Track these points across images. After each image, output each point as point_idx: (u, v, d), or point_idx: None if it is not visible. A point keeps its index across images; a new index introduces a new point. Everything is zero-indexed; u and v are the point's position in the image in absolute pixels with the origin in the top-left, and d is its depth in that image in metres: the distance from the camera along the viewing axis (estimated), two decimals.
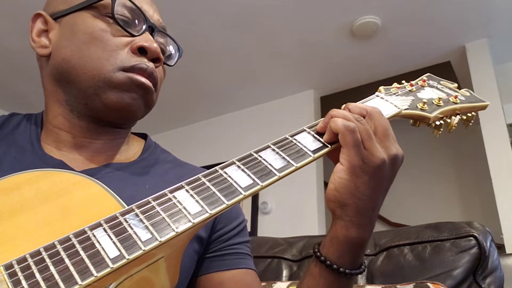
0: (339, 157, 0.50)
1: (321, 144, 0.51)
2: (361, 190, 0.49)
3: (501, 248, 2.16)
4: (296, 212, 2.93)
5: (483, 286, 0.81)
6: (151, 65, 0.60)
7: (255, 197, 3.10)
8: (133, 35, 0.60)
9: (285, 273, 1.03)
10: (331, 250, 0.51)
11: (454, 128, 0.62)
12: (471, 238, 0.84)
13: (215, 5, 2.38)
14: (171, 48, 0.70)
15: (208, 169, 0.48)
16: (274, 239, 1.15)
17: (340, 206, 0.49)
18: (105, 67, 0.57)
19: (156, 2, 0.68)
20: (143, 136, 0.74)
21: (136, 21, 0.61)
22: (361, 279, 0.92)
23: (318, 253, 0.52)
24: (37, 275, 0.36)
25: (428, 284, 0.79)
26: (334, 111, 0.52)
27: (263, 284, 0.93)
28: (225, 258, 0.66)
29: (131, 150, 0.69)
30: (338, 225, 0.50)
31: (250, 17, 2.48)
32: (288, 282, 0.93)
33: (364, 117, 0.51)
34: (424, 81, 0.68)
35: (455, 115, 0.63)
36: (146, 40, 0.60)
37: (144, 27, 0.61)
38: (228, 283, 0.64)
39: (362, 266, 0.53)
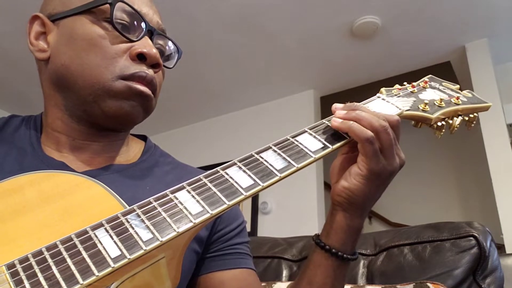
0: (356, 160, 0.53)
1: (322, 145, 0.51)
2: (373, 193, 0.54)
3: (501, 248, 2.16)
4: (296, 212, 2.93)
5: (483, 286, 0.81)
6: (150, 72, 0.59)
7: (255, 197, 3.10)
8: (132, 41, 0.59)
9: (285, 273, 1.03)
10: (335, 239, 0.55)
11: (456, 129, 0.62)
12: (471, 238, 0.84)
13: (215, 5, 2.37)
14: (170, 50, 0.69)
15: (209, 169, 0.48)
16: (274, 239, 1.15)
17: (350, 203, 0.54)
18: (104, 76, 0.57)
19: (156, 2, 0.68)
20: (143, 137, 0.74)
21: (135, 24, 0.60)
22: (361, 279, 0.92)
23: (322, 243, 0.55)
24: (39, 275, 0.36)
25: (428, 284, 0.79)
26: (361, 111, 0.52)
27: (263, 284, 0.93)
28: (226, 257, 0.66)
29: (131, 152, 0.69)
30: (343, 216, 0.55)
31: (250, 17, 2.48)
32: (288, 282, 0.93)
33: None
34: (426, 82, 0.68)
35: (457, 116, 0.63)
36: (145, 46, 0.59)
37: (143, 31, 0.60)
38: (229, 282, 0.64)
39: (357, 253, 0.58)
